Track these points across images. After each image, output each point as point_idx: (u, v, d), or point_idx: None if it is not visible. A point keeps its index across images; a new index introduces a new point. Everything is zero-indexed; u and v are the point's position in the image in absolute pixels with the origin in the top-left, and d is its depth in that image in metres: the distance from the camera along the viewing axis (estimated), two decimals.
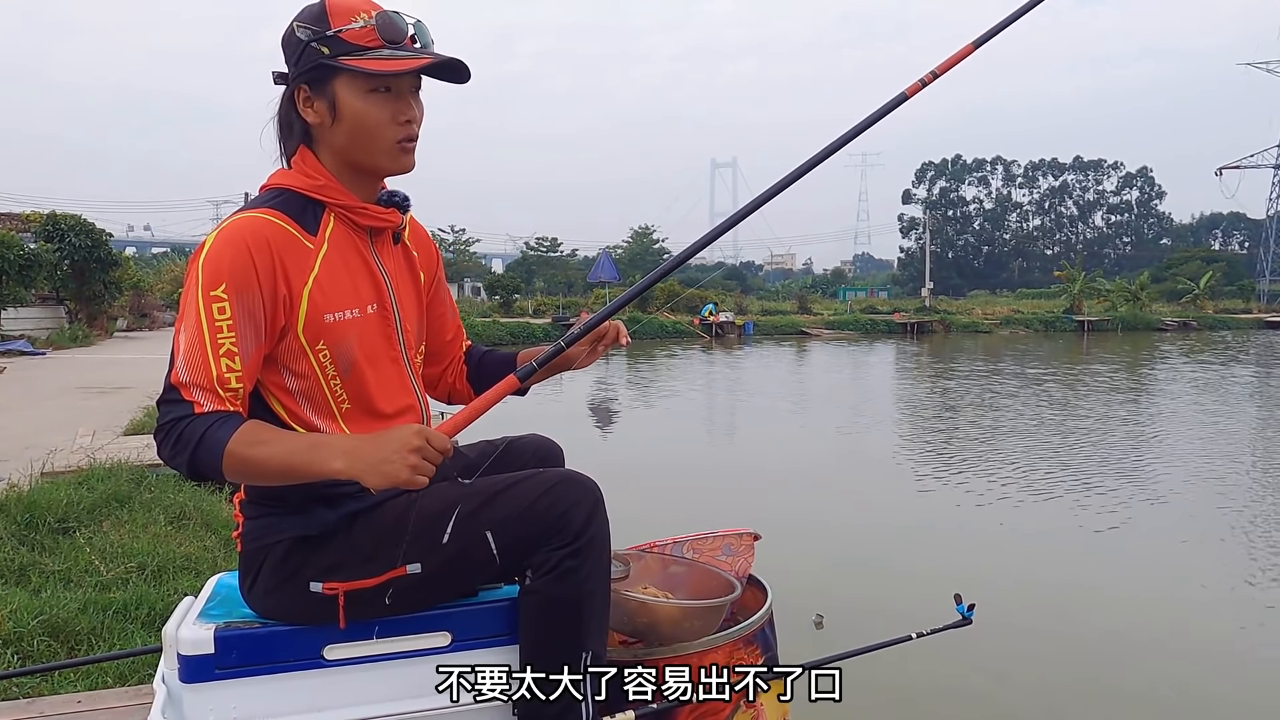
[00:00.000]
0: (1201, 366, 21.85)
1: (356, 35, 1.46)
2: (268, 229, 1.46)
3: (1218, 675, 4.19)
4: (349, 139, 1.51)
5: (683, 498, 7.60)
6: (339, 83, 1.48)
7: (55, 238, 20.46)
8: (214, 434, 1.36)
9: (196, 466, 1.37)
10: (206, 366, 1.39)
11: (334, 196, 1.53)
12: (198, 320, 1.40)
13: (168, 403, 1.39)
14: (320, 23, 1.47)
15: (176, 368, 1.39)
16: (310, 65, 1.48)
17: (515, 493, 1.52)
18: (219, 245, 1.43)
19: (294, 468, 1.39)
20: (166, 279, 34.23)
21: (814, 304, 48.05)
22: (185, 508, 4.63)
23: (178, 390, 1.39)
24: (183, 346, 1.40)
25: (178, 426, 1.37)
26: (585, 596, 1.51)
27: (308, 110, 1.52)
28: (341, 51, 1.46)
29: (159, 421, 1.40)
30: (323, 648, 1.52)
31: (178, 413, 1.38)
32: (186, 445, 1.36)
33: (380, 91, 1.49)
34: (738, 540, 2.05)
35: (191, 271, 1.43)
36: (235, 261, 1.42)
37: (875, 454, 10.28)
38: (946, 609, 1.91)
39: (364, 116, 1.49)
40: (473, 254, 66.22)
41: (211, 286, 1.40)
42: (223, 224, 1.47)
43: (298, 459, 1.38)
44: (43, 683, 2.67)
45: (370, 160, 1.54)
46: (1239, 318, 48.38)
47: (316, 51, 1.47)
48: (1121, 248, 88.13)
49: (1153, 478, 8.39)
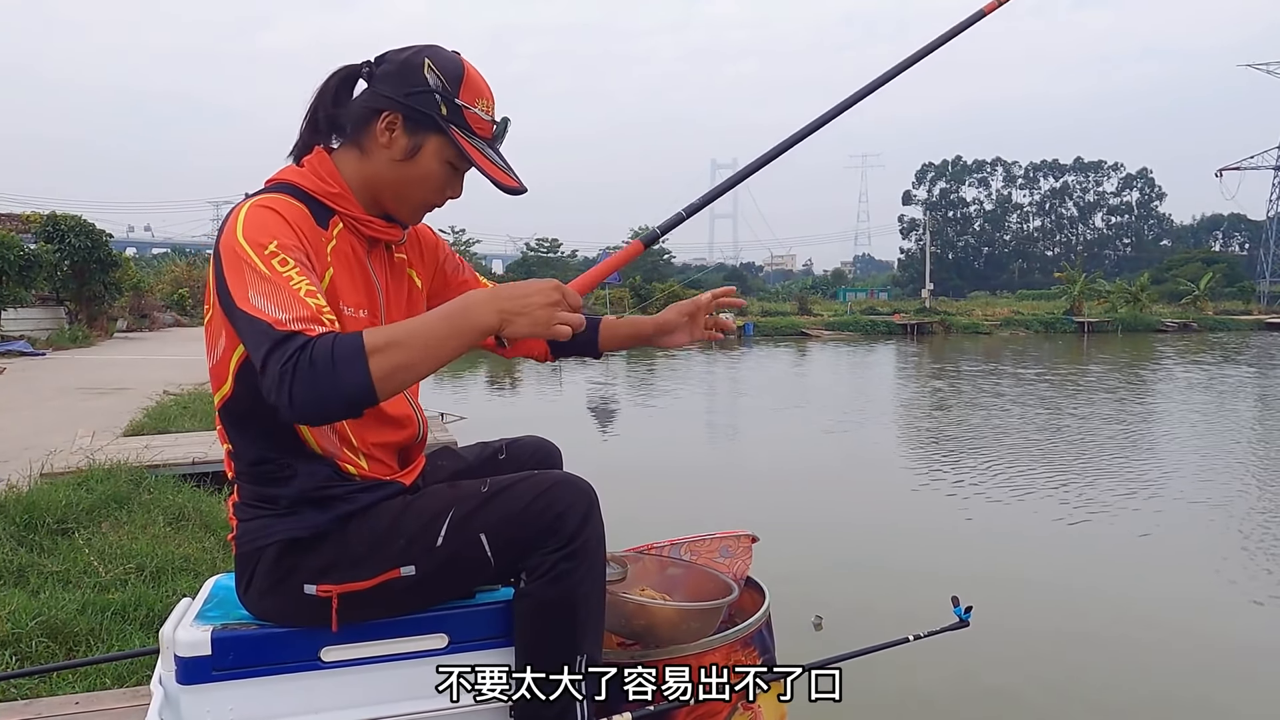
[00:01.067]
0: (1201, 368, 21.84)
1: (474, 119, 1.52)
2: (292, 209, 1.44)
3: (1218, 674, 4.19)
4: (399, 180, 1.54)
5: (681, 499, 7.60)
6: (434, 139, 1.52)
7: (55, 238, 20.47)
8: (343, 344, 1.23)
9: (343, 388, 1.21)
10: (299, 302, 1.28)
11: (345, 207, 1.53)
12: (266, 275, 1.30)
13: (277, 348, 1.23)
14: (454, 84, 1.51)
15: (269, 316, 1.26)
16: (422, 108, 1.50)
17: (509, 495, 1.51)
18: (253, 215, 1.38)
19: (443, 339, 1.29)
20: (167, 280, 34.27)
21: (814, 305, 48.06)
22: (184, 509, 4.63)
23: (280, 331, 1.24)
24: (263, 300, 1.28)
25: (299, 357, 1.21)
26: (580, 600, 1.50)
27: (385, 133, 1.51)
28: (455, 122, 1.51)
29: (276, 368, 1.22)
30: (319, 649, 1.52)
31: (291, 347, 1.22)
32: (321, 368, 1.21)
33: (453, 167, 1.55)
34: (735, 542, 2.05)
35: (232, 248, 1.35)
36: (277, 225, 1.39)
37: (873, 455, 10.28)
38: (944, 610, 1.91)
39: (429, 176, 1.54)
40: (473, 255, 66.21)
41: (263, 247, 1.33)
42: (240, 206, 1.42)
43: (443, 329, 1.29)
44: (41, 684, 2.68)
45: (395, 204, 1.57)
46: (1239, 319, 48.37)
47: (436, 104, 1.50)
48: (1122, 249, 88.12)
49: (1151, 478, 8.39)
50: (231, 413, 1.50)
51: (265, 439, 1.49)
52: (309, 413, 1.25)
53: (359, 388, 1.22)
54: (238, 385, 1.46)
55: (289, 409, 1.22)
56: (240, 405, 1.48)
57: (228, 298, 1.33)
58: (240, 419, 1.50)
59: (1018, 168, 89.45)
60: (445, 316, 1.32)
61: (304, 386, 1.21)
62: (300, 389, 1.21)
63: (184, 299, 31.81)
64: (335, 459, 1.51)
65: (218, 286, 1.37)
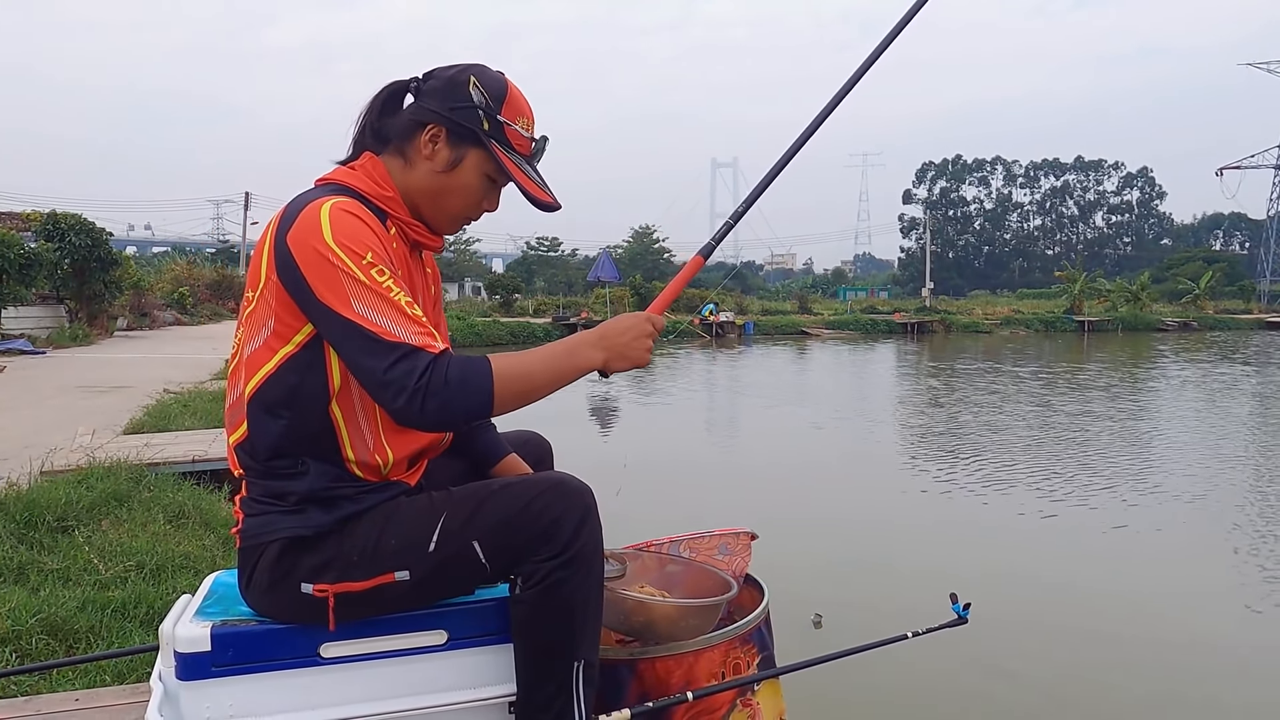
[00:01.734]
0: (1197, 366, 21.85)
1: (515, 135, 1.58)
2: (371, 217, 1.48)
3: (1218, 671, 4.19)
4: (438, 191, 1.58)
5: (680, 496, 7.60)
6: (475, 153, 1.57)
7: (55, 237, 20.44)
8: (475, 368, 1.38)
9: (472, 405, 1.37)
10: (411, 318, 1.39)
11: (396, 210, 1.57)
12: (371, 288, 1.38)
13: (402, 361, 1.34)
14: (497, 101, 1.56)
15: (387, 331, 1.35)
16: (465, 122, 1.54)
17: (501, 500, 1.51)
18: (340, 223, 1.42)
19: (560, 375, 1.46)
20: (167, 278, 34.26)
21: (814, 304, 48.08)
22: (184, 507, 4.63)
23: (404, 345, 1.35)
24: (375, 315, 1.36)
25: (434, 372, 1.34)
26: (576, 606, 1.49)
27: (429, 145, 1.56)
28: (496, 137, 1.56)
29: (409, 384, 1.33)
30: (319, 646, 1.52)
31: (421, 361, 1.34)
32: (455, 386, 1.35)
33: (491, 180, 1.60)
34: (735, 539, 2.06)
35: (319, 251, 1.39)
36: (368, 235, 1.44)
37: (872, 453, 10.29)
38: (942, 607, 1.91)
39: (468, 188, 1.59)
40: (473, 253, 66.20)
41: (360, 257, 1.40)
42: (319, 204, 1.44)
43: (561, 366, 1.47)
44: (41, 681, 2.68)
45: (434, 214, 1.61)
46: (1239, 318, 48.38)
47: (479, 119, 1.55)
48: (1122, 248, 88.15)
49: (1149, 475, 8.39)
50: (264, 400, 1.49)
51: (289, 432, 1.49)
52: (436, 423, 1.40)
53: (484, 408, 1.39)
54: (278, 376, 1.47)
55: (418, 417, 1.36)
56: (275, 393, 1.48)
57: (313, 298, 1.39)
58: (271, 408, 1.49)
59: (1018, 167, 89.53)
60: (558, 356, 1.47)
61: (437, 401, 1.35)
62: (433, 403, 1.34)
63: (184, 298, 31.80)
64: (354, 459, 1.51)
65: (289, 283, 1.41)
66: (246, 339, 1.51)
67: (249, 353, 1.51)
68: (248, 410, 1.51)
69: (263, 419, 1.50)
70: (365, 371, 1.37)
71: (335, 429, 1.50)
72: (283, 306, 1.45)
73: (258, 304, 1.48)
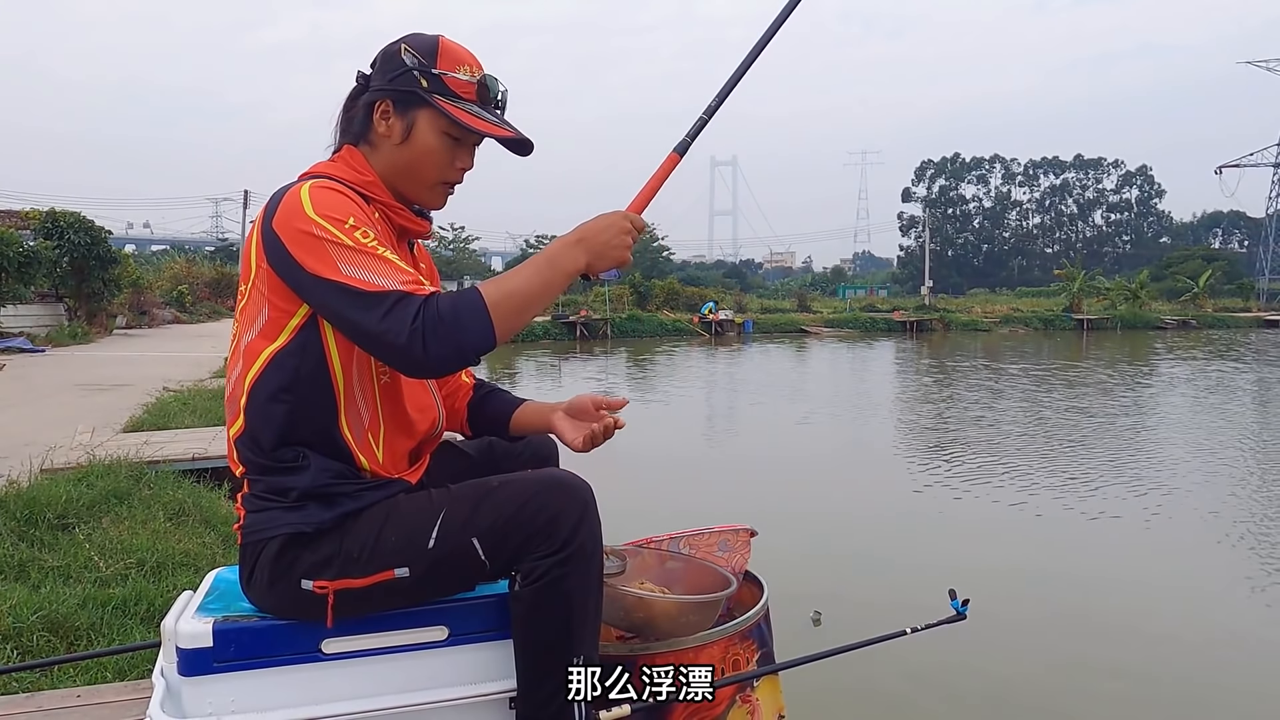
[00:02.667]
0: (1192, 364, 21.86)
1: (457, 84, 1.56)
2: (347, 190, 1.50)
3: (1215, 663, 4.20)
4: (406, 163, 1.58)
5: (680, 493, 7.61)
6: (423, 114, 1.56)
7: (54, 235, 20.44)
8: (466, 298, 1.37)
9: (473, 336, 1.35)
10: (397, 268, 1.39)
11: (379, 195, 1.58)
12: (355, 247, 1.38)
13: (394, 309, 1.34)
14: (429, 57, 1.55)
15: (374, 285, 1.35)
16: (404, 88, 1.55)
17: (500, 498, 1.51)
18: (318, 197, 1.43)
19: (549, 283, 1.45)
20: (166, 276, 34.25)
21: (813, 302, 48.04)
22: (184, 504, 4.64)
23: (391, 295, 1.35)
24: (361, 272, 1.36)
25: (426, 312, 1.34)
26: (575, 603, 1.49)
27: (382, 122, 1.57)
28: (438, 91, 1.54)
29: (404, 328, 1.33)
30: (320, 642, 1.52)
31: (413, 304, 1.34)
32: (449, 321, 1.34)
33: (452, 138, 1.58)
34: (734, 536, 2.06)
35: (302, 228, 1.40)
36: (347, 202, 1.45)
37: (871, 450, 10.30)
38: (941, 603, 1.91)
39: (430, 152, 1.57)
40: (472, 251, 66.11)
41: (341, 222, 1.41)
42: (297, 188, 1.46)
43: (548, 275, 1.44)
44: (42, 677, 2.68)
45: (412, 189, 1.61)
46: (1238, 316, 48.37)
47: (416, 80, 1.55)
48: (1121, 246, 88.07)
49: (1145, 471, 8.40)
50: (264, 388, 1.50)
51: (289, 420, 1.49)
52: (441, 359, 1.36)
53: (485, 335, 1.37)
54: (277, 362, 1.48)
55: (423, 358, 1.34)
56: (274, 381, 1.49)
57: (303, 273, 1.40)
58: (271, 395, 1.49)
59: (1017, 165, 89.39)
60: (542, 265, 1.45)
61: (437, 337, 1.33)
62: (434, 341, 1.33)
63: (183, 296, 31.79)
64: (352, 452, 1.52)
65: (281, 265, 1.42)
66: (243, 330, 1.53)
67: (246, 343, 1.52)
68: (248, 398, 1.51)
69: (263, 407, 1.50)
70: (361, 328, 1.36)
71: (335, 415, 1.51)
72: (275, 292, 1.46)
73: (251, 294, 1.50)
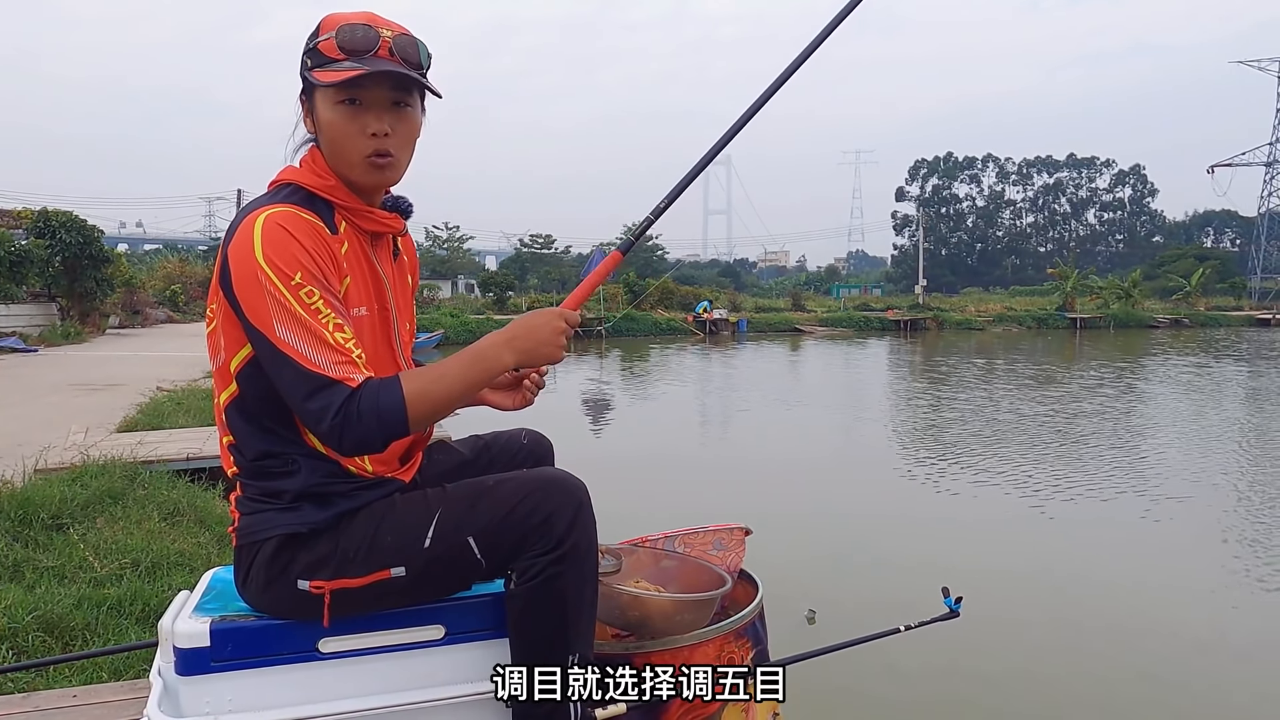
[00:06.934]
0: (1192, 363, 21.94)
1: (326, 47, 1.47)
2: (305, 224, 1.44)
3: (1205, 662, 4.23)
4: (329, 150, 1.53)
5: (675, 492, 7.62)
6: (317, 95, 1.51)
7: (47, 234, 20.38)
8: (387, 398, 1.38)
9: (387, 433, 1.38)
10: (333, 345, 1.38)
11: (342, 199, 1.53)
12: (295, 312, 1.38)
13: (319, 394, 1.36)
14: (312, 38, 1.50)
15: (307, 360, 1.37)
16: (301, 75, 1.52)
17: (496, 497, 1.52)
18: (271, 238, 1.40)
19: (473, 383, 1.47)
20: (159, 276, 34.14)
21: (808, 301, 48.08)
22: (179, 504, 4.63)
23: (321, 378, 1.37)
24: (296, 341, 1.37)
25: (347, 408, 1.36)
26: (570, 602, 1.50)
27: (306, 121, 1.56)
28: (317, 64, 1.48)
29: (325, 418, 1.36)
30: (317, 641, 1.53)
31: (337, 396, 1.36)
32: (369, 420, 1.36)
33: (346, 104, 1.48)
34: (729, 535, 2.07)
35: (251, 269, 1.39)
36: (298, 253, 1.41)
37: (864, 448, 10.32)
38: (934, 601, 1.93)
39: (331, 128, 1.50)
40: (466, 251, 66.00)
41: (289, 278, 1.38)
42: (254, 217, 1.42)
43: (472, 375, 1.46)
44: (38, 678, 2.68)
45: (346, 173, 1.53)
46: (1230, 315, 48.57)
47: (304, 65, 1.51)
48: (1114, 245, 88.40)
49: (1140, 470, 8.43)
50: (239, 411, 1.52)
51: (270, 435, 1.51)
52: (354, 451, 1.43)
53: (399, 431, 1.40)
54: (243, 387, 1.49)
55: (338, 447, 1.41)
56: (246, 405, 1.50)
57: (244, 317, 1.41)
58: (246, 417, 1.51)
59: (1010, 164, 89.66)
60: (468, 364, 1.46)
61: (353, 435, 1.37)
62: (350, 437, 1.37)
63: (176, 295, 31.70)
64: (338, 457, 1.52)
65: (229, 298, 1.42)
66: (212, 353, 1.53)
67: (215, 367, 1.53)
68: (225, 415, 1.54)
69: (243, 426, 1.52)
70: (286, 392, 1.40)
71: (303, 430, 1.50)
72: (227, 320, 1.46)
73: (217, 317, 1.49)
